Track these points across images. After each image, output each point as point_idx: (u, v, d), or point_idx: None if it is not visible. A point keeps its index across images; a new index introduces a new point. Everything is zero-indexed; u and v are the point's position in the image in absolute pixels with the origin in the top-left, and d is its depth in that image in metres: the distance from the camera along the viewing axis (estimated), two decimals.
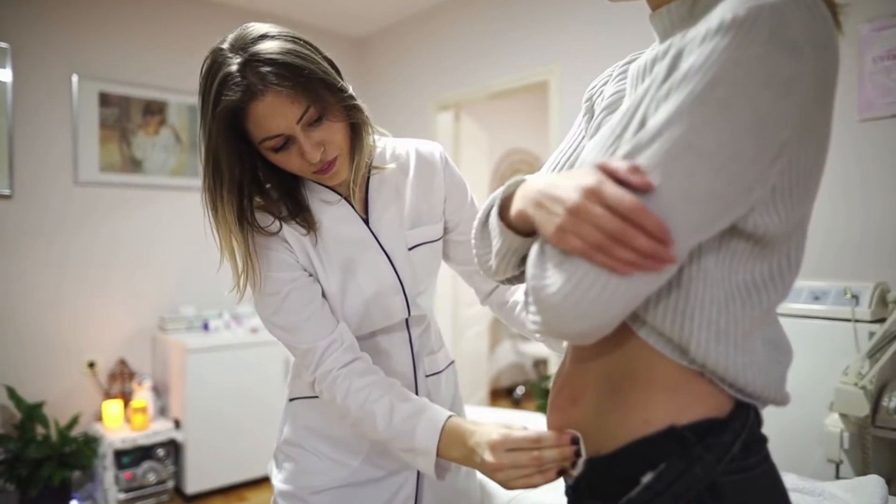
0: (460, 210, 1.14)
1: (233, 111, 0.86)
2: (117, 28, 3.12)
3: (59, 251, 2.99)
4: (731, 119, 0.50)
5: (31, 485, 2.69)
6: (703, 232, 0.53)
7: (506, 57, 3.22)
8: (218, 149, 0.89)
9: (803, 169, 0.56)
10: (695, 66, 0.51)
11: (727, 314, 0.57)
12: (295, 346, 0.99)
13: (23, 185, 2.89)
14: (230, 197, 0.92)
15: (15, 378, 2.85)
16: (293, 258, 1.00)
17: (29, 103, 2.90)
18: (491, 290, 1.18)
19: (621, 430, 0.62)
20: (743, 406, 0.59)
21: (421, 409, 0.92)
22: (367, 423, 0.93)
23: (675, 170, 0.50)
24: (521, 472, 0.76)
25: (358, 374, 0.97)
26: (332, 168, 0.94)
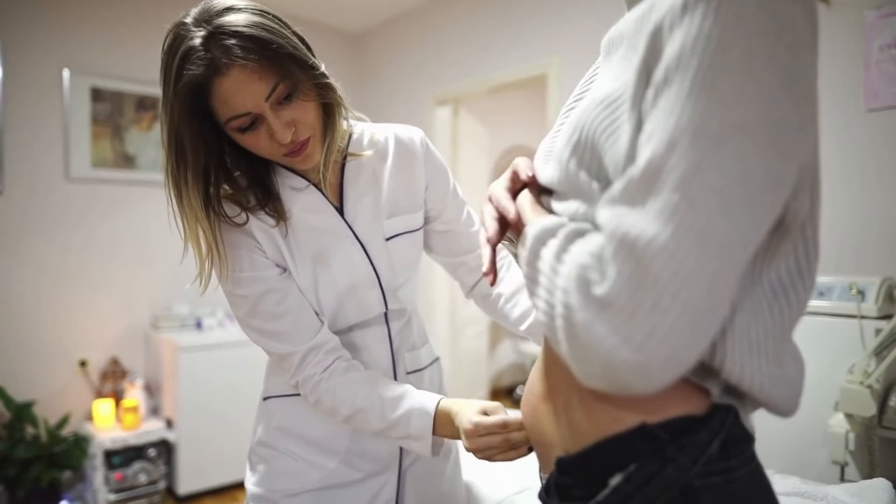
0: (443, 198, 1.08)
1: (196, 87, 0.80)
2: (110, 22, 3.08)
3: (51, 248, 2.95)
4: (758, 81, 0.43)
5: (19, 485, 2.65)
6: (762, 226, 0.46)
7: (504, 50, 3.16)
8: (181, 128, 0.83)
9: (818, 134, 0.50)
10: (689, 39, 0.44)
11: (758, 322, 0.50)
12: (273, 350, 0.94)
13: (13, 181, 2.85)
14: (195, 181, 0.86)
15: (4, 377, 2.81)
16: (262, 256, 0.94)
17: (19, 98, 2.86)
18: (475, 283, 1.12)
19: (591, 429, 0.56)
20: (723, 403, 0.53)
21: (409, 398, 0.93)
22: (360, 419, 0.93)
23: (714, 169, 0.43)
24: (496, 451, 0.83)
25: (340, 373, 0.94)
26: (303, 150, 0.88)
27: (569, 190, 0.57)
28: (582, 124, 0.55)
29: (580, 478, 0.56)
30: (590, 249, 0.47)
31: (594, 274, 0.46)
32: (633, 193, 0.45)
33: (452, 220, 1.10)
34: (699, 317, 0.43)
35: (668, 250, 0.42)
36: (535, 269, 0.53)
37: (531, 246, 0.55)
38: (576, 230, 0.52)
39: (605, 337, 0.44)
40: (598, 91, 0.56)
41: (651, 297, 0.42)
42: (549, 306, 0.50)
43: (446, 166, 1.10)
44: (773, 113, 0.43)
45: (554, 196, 0.60)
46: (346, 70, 4.04)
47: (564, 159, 0.56)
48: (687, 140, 0.43)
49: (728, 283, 0.44)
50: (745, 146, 0.43)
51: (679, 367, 0.44)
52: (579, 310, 0.45)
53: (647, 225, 0.43)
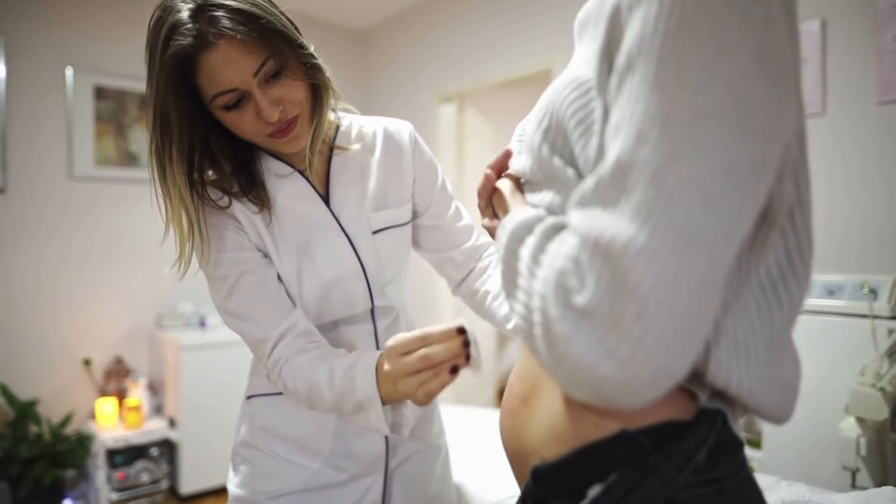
0: (430, 193, 1.06)
1: (183, 60, 0.78)
2: (113, 20, 3.07)
3: (54, 246, 2.95)
4: (728, 59, 0.39)
5: (22, 484, 2.65)
6: (748, 217, 0.41)
7: (509, 46, 3.12)
8: (166, 102, 0.80)
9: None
10: (650, 20, 0.40)
11: (745, 322, 0.46)
12: (248, 335, 0.92)
13: (16, 179, 2.85)
14: (180, 156, 0.84)
15: (8, 375, 2.81)
16: (245, 238, 0.92)
17: (22, 97, 2.86)
18: (462, 279, 1.09)
19: (571, 435, 0.52)
20: (711, 408, 0.49)
21: (356, 358, 0.84)
22: (315, 396, 0.86)
23: (690, 152, 0.39)
24: (417, 378, 0.73)
25: (304, 353, 0.89)
26: (291, 130, 0.86)
27: (543, 178, 0.53)
28: (552, 109, 0.51)
29: (557, 488, 0.52)
30: (567, 251, 0.43)
31: (573, 280, 0.41)
32: (604, 193, 0.41)
33: (439, 214, 1.07)
34: (688, 323, 0.39)
35: (647, 253, 0.38)
36: (514, 270, 0.49)
37: (507, 243, 0.51)
38: (553, 226, 0.48)
39: (586, 351, 0.40)
40: (568, 72, 0.52)
41: (634, 306, 0.38)
42: (527, 311, 0.46)
43: (435, 161, 1.09)
44: (747, 93, 0.39)
45: (527, 186, 0.56)
46: (351, 68, 4.01)
47: (536, 145, 0.52)
48: (657, 130, 0.39)
49: (716, 282, 0.40)
50: (719, 132, 0.39)
51: (669, 379, 0.40)
52: (558, 320, 0.41)
53: (623, 227, 0.39)
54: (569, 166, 0.50)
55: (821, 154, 1.96)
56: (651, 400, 0.41)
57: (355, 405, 0.83)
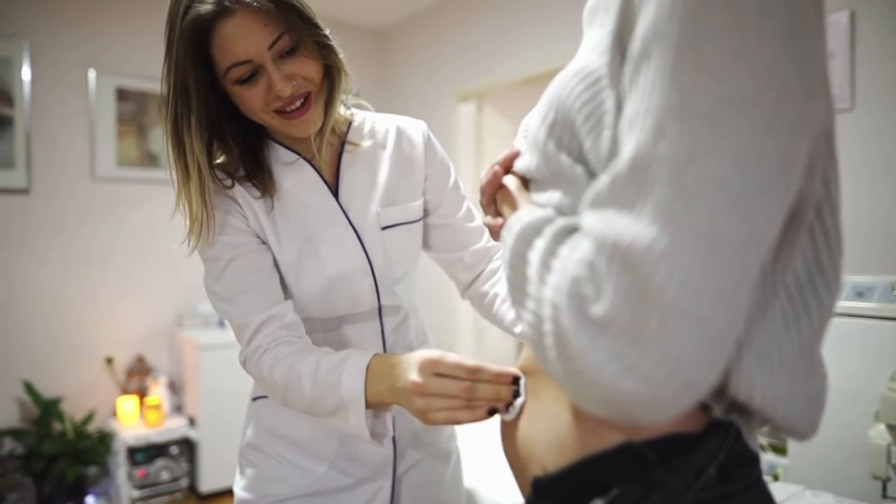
0: (441, 191, 1.04)
1: (200, 27, 0.79)
2: (134, 23, 3.10)
3: (77, 246, 2.99)
4: (753, 44, 0.36)
5: (45, 480, 2.69)
6: (776, 216, 0.38)
7: (528, 43, 3.08)
8: (186, 70, 0.81)
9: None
10: (666, 2, 0.37)
11: (770, 331, 0.43)
12: (232, 319, 0.90)
13: (41, 180, 2.90)
14: (199, 126, 0.84)
15: (33, 373, 2.86)
16: (243, 222, 0.92)
17: (46, 99, 2.91)
18: (471, 281, 1.07)
19: (572, 444, 0.49)
20: (723, 420, 0.45)
21: (347, 356, 0.80)
22: (293, 389, 0.82)
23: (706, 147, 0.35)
24: (446, 402, 0.67)
25: (286, 343, 0.87)
26: (305, 111, 0.86)
27: (549, 177, 0.50)
28: (557, 102, 0.48)
29: (558, 501, 0.49)
30: (581, 256, 0.40)
31: (589, 288, 0.38)
32: (620, 192, 0.38)
33: (449, 214, 1.05)
34: (715, 333, 0.36)
35: (670, 257, 0.35)
36: (521, 276, 0.46)
37: (514, 246, 0.48)
38: (563, 228, 0.45)
39: (605, 365, 0.37)
40: (575, 62, 0.49)
41: (657, 316, 0.35)
42: (536, 320, 0.43)
43: (448, 160, 1.07)
44: (773, 81, 0.36)
45: (532, 185, 0.53)
46: (369, 67, 4.01)
47: (541, 141, 0.49)
48: (675, 123, 0.36)
49: (743, 288, 0.37)
50: (744, 124, 0.36)
51: (695, 393, 0.37)
52: (573, 332, 0.38)
53: (642, 229, 0.36)
54: (577, 163, 0.47)
55: (849, 151, 1.90)
56: (674, 416, 0.38)
57: (335, 405, 0.78)
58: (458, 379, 0.67)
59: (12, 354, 2.82)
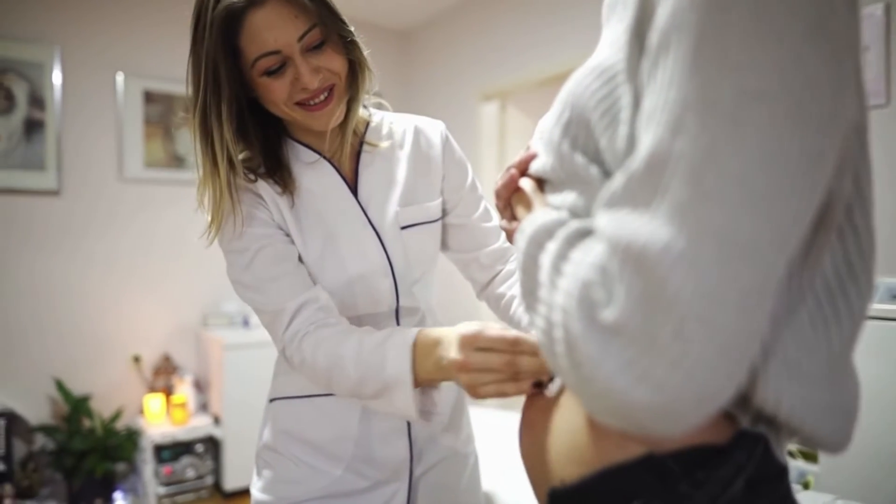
0: (459, 191, 1.04)
1: (230, 16, 0.79)
2: (161, 26, 3.15)
3: (106, 246, 3.04)
4: (778, 34, 0.34)
5: (75, 475, 2.74)
6: (802, 217, 0.36)
7: (552, 42, 3.05)
8: (217, 59, 0.81)
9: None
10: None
11: (797, 338, 0.41)
12: (263, 308, 0.90)
13: (71, 181, 2.95)
14: (230, 114, 0.84)
15: (63, 371, 2.92)
16: (268, 215, 0.92)
17: (76, 102, 2.96)
18: (487, 282, 1.06)
19: (592, 454, 0.47)
20: (751, 431, 0.43)
21: (389, 334, 0.79)
22: (337, 372, 0.81)
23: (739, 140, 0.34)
24: (491, 376, 0.66)
25: (325, 326, 0.86)
26: (328, 103, 0.86)
27: (564, 178, 0.48)
28: (572, 100, 0.46)
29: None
30: (593, 260, 0.38)
31: (599, 293, 0.37)
32: (635, 191, 0.36)
33: (466, 213, 1.04)
34: (733, 341, 0.34)
35: (686, 260, 0.33)
36: (533, 280, 0.45)
37: (526, 249, 0.46)
38: (577, 231, 0.43)
39: (616, 373, 0.35)
40: (592, 59, 0.47)
41: (671, 322, 0.33)
42: (548, 325, 0.41)
43: (466, 161, 1.07)
44: (799, 74, 0.34)
45: (548, 187, 0.52)
46: (392, 68, 4.01)
47: (555, 141, 0.48)
48: (694, 118, 0.34)
49: (765, 294, 0.35)
50: (767, 119, 0.33)
51: (712, 404, 0.35)
52: (583, 338, 0.37)
53: (656, 230, 0.34)
54: (592, 163, 0.45)
55: (884, 148, 1.83)
56: (689, 428, 0.36)
57: (380, 386, 0.77)
58: (500, 352, 0.66)
59: (44, 352, 2.89)
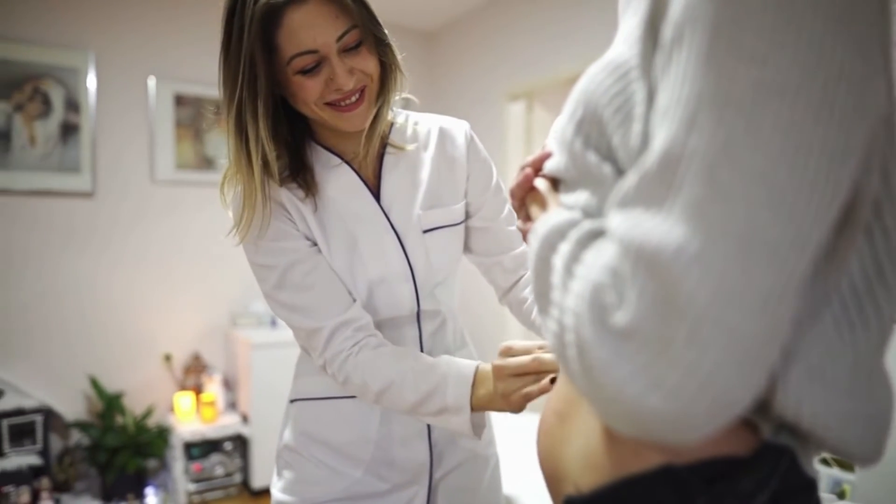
0: (482, 193, 1.02)
1: (270, 12, 0.78)
2: (191, 32, 3.20)
3: (138, 247, 3.11)
4: (798, 23, 0.32)
5: (109, 471, 2.81)
6: (824, 217, 0.34)
7: (577, 40, 3.02)
8: (255, 55, 0.80)
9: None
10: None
11: (821, 343, 0.39)
12: (299, 326, 0.90)
13: (104, 183, 3.02)
14: (266, 111, 0.83)
15: (98, 368, 2.98)
16: (293, 227, 0.91)
17: (110, 106, 3.03)
18: (510, 287, 1.04)
19: (608, 463, 0.46)
20: (775, 443, 0.41)
21: (444, 366, 0.86)
22: (391, 396, 0.86)
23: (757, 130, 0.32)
24: (521, 381, 0.78)
25: (370, 348, 0.88)
26: (359, 104, 0.85)
27: (577, 176, 0.46)
28: (585, 97, 0.45)
29: None
30: (605, 262, 0.37)
31: (611, 296, 0.36)
32: (648, 190, 0.35)
33: (490, 216, 1.02)
34: (751, 346, 0.32)
35: (701, 262, 0.31)
36: (545, 283, 0.44)
37: (538, 251, 0.45)
38: (589, 232, 0.41)
39: (628, 379, 0.34)
40: (606, 55, 0.46)
41: (685, 327, 0.32)
42: (559, 329, 0.40)
43: (491, 162, 1.04)
44: (821, 65, 0.32)
45: (562, 186, 0.50)
46: (418, 69, 4.01)
47: (568, 139, 0.46)
48: (709, 113, 0.32)
49: (785, 297, 0.33)
50: (787, 112, 0.32)
51: (728, 412, 0.34)
52: (594, 343, 0.36)
53: (669, 230, 0.33)
54: (605, 161, 0.44)
55: None
56: (707, 436, 0.35)
57: (440, 410, 0.84)
58: (528, 353, 0.78)
59: (79, 350, 2.96)
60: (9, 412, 2.65)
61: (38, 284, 2.88)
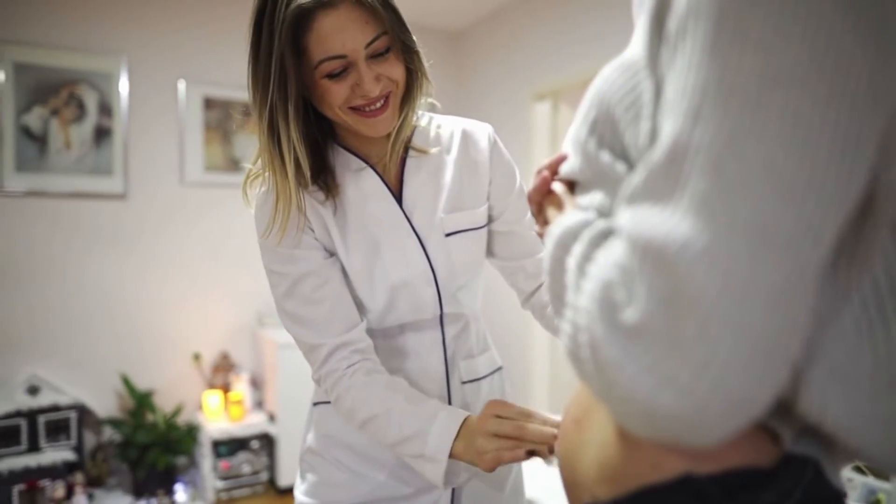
0: (505, 197, 1.01)
1: (300, 16, 0.78)
2: (220, 35, 3.25)
3: (168, 248, 3.17)
4: (807, 8, 0.31)
5: (140, 467, 2.87)
6: (838, 207, 0.33)
7: (605, 38, 2.98)
8: (285, 57, 0.79)
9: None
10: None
11: (844, 342, 0.38)
12: (301, 339, 0.91)
13: (136, 185, 3.09)
14: (296, 114, 0.82)
15: (129, 367, 3.05)
16: (311, 236, 0.91)
17: (141, 109, 3.10)
18: (532, 291, 1.03)
19: (625, 473, 0.45)
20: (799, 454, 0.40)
21: (435, 412, 0.84)
22: (374, 428, 0.85)
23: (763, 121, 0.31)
24: (498, 443, 0.75)
25: (364, 372, 0.88)
26: (383, 110, 0.85)
27: (592, 178, 0.46)
28: (599, 98, 0.44)
29: None
30: (614, 259, 0.36)
31: (621, 293, 0.35)
32: (655, 185, 0.34)
33: (514, 220, 1.01)
34: (765, 342, 0.31)
35: (709, 256, 0.31)
36: (560, 284, 0.43)
37: (553, 252, 0.45)
38: (602, 231, 0.41)
39: (638, 377, 0.33)
40: (622, 55, 0.45)
41: (694, 322, 0.31)
42: (573, 329, 0.40)
43: (514, 165, 1.03)
44: (830, 52, 0.31)
45: (578, 188, 0.50)
46: (444, 69, 4.02)
47: (581, 139, 0.46)
48: (714, 104, 0.32)
49: (799, 291, 0.32)
50: (794, 100, 0.31)
51: (746, 411, 0.33)
52: (605, 341, 0.35)
53: (676, 224, 0.32)
54: (619, 161, 0.43)
55: None
56: (724, 437, 0.34)
57: (417, 453, 0.83)
58: (512, 420, 0.76)
59: (111, 349, 3.03)
60: (45, 408, 2.72)
61: (72, 284, 2.96)
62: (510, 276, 1.05)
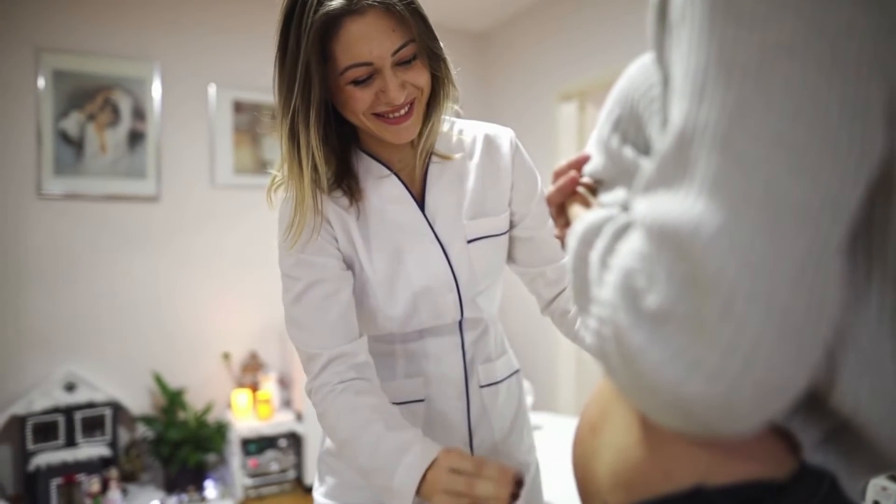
0: (527, 202, 1.00)
1: (328, 21, 0.78)
2: (249, 40, 3.30)
3: (199, 249, 3.23)
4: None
5: (171, 463, 2.93)
6: (853, 175, 0.32)
7: (630, 38, 2.95)
8: (311, 62, 0.79)
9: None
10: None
11: (866, 324, 0.37)
12: (302, 346, 0.91)
13: (168, 188, 3.16)
14: (317, 121, 0.83)
15: (162, 365, 3.12)
16: (333, 245, 0.92)
17: (173, 113, 3.17)
18: (552, 298, 1.02)
19: (637, 482, 0.44)
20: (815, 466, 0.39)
21: (409, 445, 0.79)
22: (351, 448, 0.83)
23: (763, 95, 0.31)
24: (451, 500, 0.72)
25: (354, 392, 0.86)
26: (407, 117, 0.85)
27: (615, 175, 0.46)
28: (622, 96, 0.44)
29: None
30: (633, 247, 0.36)
31: (641, 280, 0.34)
32: (667, 171, 0.34)
33: (535, 226, 1.00)
34: (793, 319, 0.30)
35: (724, 234, 0.30)
36: (584, 280, 0.43)
37: (576, 249, 0.44)
38: (624, 224, 0.41)
39: (666, 363, 0.32)
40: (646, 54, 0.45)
41: (717, 303, 0.30)
42: (599, 324, 0.39)
43: (536, 171, 1.03)
44: (831, 17, 0.30)
45: (601, 187, 0.49)
46: (470, 70, 4.01)
47: (604, 137, 0.46)
48: (716, 82, 0.31)
49: (822, 265, 0.31)
50: (797, 69, 0.30)
51: (781, 394, 0.32)
52: (630, 329, 0.34)
53: (690, 206, 0.32)
54: (642, 156, 0.43)
55: None
56: (758, 424, 0.33)
57: (384, 484, 0.79)
58: (465, 474, 0.72)
59: (144, 348, 3.10)
60: (81, 405, 2.81)
61: (107, 284, 3.04)
62: (530, 283, 1.05)
